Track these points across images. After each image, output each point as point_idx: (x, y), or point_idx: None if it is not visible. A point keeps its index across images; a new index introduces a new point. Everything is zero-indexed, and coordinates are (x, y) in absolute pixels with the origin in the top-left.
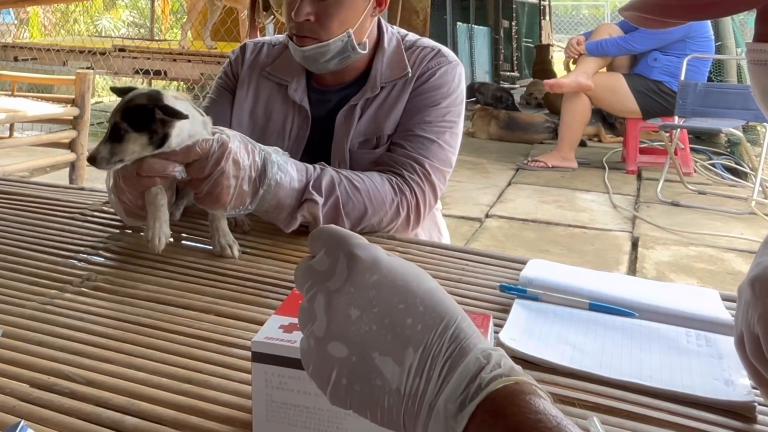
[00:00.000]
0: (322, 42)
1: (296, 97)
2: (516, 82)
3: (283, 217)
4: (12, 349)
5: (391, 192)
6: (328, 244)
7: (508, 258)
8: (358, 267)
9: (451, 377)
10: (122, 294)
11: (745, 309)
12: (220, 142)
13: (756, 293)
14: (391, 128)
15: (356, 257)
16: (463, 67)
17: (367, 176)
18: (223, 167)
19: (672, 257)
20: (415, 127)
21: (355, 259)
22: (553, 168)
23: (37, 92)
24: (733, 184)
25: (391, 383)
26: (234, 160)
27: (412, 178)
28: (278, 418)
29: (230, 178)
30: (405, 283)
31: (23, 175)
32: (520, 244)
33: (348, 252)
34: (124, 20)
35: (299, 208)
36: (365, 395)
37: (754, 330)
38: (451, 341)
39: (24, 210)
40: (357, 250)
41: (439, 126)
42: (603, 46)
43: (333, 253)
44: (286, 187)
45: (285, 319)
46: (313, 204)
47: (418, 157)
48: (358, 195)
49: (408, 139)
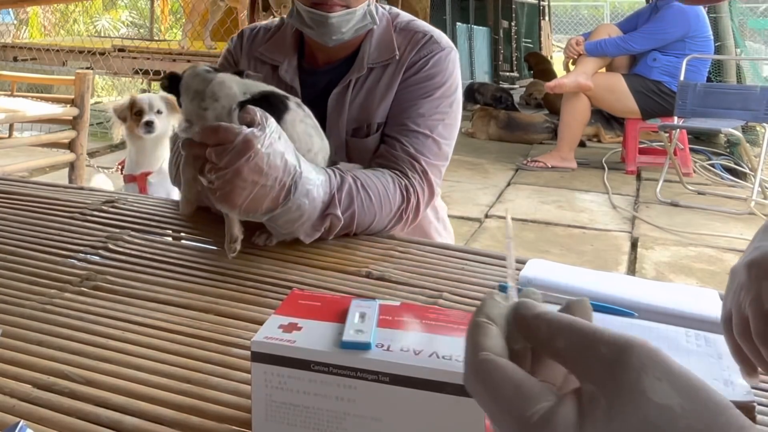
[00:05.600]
0: (350, 8)
1: (287, 78)
2: (515, 82)
3: (301, 231)
4: (11, 348)
5: (399, 199)
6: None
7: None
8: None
9: None
10: (122, 294)
11: (737, 290)
12: (246, 139)
13: (751, 276)
14: (381, 116)
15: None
16: (457, 53)
17: (381, 182)
18: (238, 167)
19: (671, 257)
20: (409, 121)
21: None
22: (552, 168)
23: (37, 92)
24: (732, 184)
25: None
26: (256, 165)
27: (414, 178)
28: (278, 417)
29: (246, 181)
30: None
31: (23, 176)
32: (519, 245)
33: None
34: (124, 20)
35: (320, 223)
36: None
37: (744, 311)
38: None
39: (23, 209)
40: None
41: (433, 119)
42: (602, 47)
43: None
44: (308, 207)
45: (285, 318)
46: (334, 218)
47: (415, 155)
48: (371, 207)
49: (403, 133)
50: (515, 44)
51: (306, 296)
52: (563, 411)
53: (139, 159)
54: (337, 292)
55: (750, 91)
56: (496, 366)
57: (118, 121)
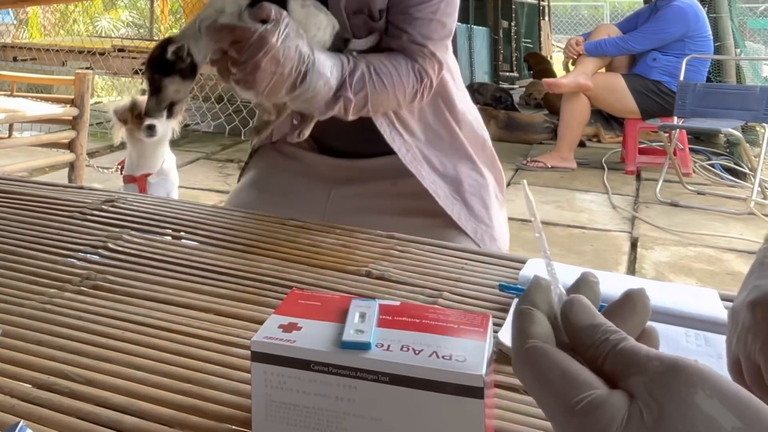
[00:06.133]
0: None
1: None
2: (515, 82)
3: (316, 108)
4: (11, 348)
5: (414, 81)
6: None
7: (507, 257)
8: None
9: None
10: (121, 293)
11: (743, 334)
12: (262, 36)
13: (757, 318)
14: (381, 2)
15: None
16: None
17: (394, 66)
18: (257, 60)
19: (671, 257)
20: (411, 9)
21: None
22: (552, 168)
23: (37, 92)
24: (732, 184)
25: None
26: (273, 58)
27: (425, 62)
28: (277, 417)
29: (265, 71)
30: None
31: (22, 176)
32: (519, 245)
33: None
34: (124, 20)
35: (333, 103)
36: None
37: (755, 357)
38: None
39: (23, 209)
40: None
41: (433, 2)
42: (602, 46)
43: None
44: (323, 88)
45: (285, 318)
46: (346, 99)
47: (423, 42)
48: (384, 90)
49: (407, 22)
50: (515, 44)
51: (306, 296)
52: (613, 402)
53: (139, 161)
54: (336, 292)
55: (750, 91)
56: (544, 353)
57: (119, 123)
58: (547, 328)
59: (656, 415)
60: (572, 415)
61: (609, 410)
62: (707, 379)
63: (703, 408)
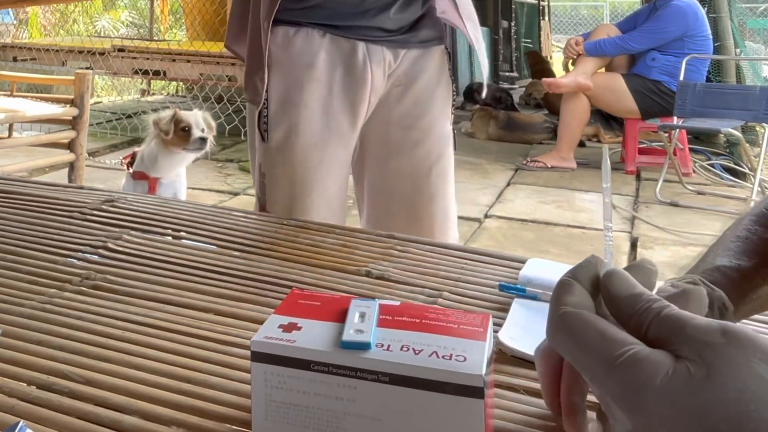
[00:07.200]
0: None
1: None
2: (515, 82)
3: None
4: (11, 348)
5: None
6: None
7: (507, 257)
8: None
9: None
10: (121, 293)
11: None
12: None
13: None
14: None
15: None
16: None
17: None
18: None
19: (671, 257)
20: None
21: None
22: (552, 168)
23: (37, 92)
24: (732, 184)
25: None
26: None
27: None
28: (277, 417)
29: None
30: None
31: (22, 176)
32: (519, 245)
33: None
34: (124, 20)
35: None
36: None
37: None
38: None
39: (23, 209)
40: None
41: None
42: (601, 46)
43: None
44: None
45: (284, 318)
46: None
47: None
48: None
49: None
50: (515, 44)
51: (306, 296)
52: (656, 357)
53: (159, 167)
54: (336, 291)
55: (749, 91)
56: (578, 317)
57: (161, 134)
58: (583, 298)
59: (705, 372)
60: (612, 368)
61: (652, 363)
62: (758, 345)
63: (754, 368)
